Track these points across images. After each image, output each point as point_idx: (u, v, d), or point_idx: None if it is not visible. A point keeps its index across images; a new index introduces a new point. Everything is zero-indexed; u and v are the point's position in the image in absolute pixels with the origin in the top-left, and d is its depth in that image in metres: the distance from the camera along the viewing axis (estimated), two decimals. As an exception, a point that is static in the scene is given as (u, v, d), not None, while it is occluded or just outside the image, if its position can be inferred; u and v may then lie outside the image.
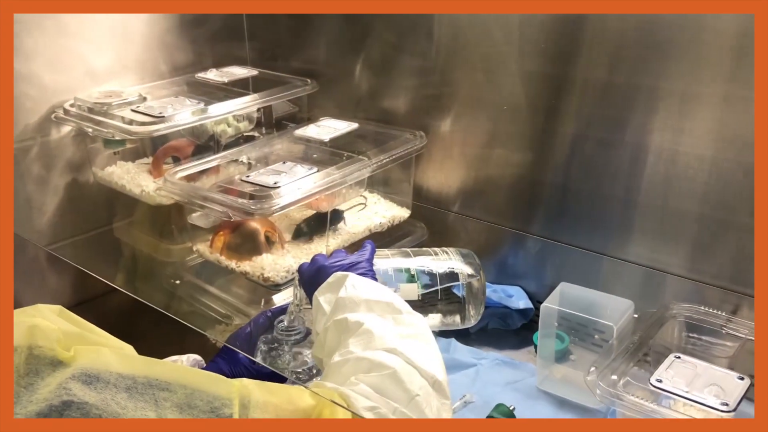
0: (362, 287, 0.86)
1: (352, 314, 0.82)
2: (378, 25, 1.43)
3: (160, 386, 0.55)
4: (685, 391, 0.93)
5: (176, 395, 0.56)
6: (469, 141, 1.38)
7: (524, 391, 1.19)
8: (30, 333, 0.53)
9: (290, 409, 0.62)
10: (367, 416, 0.67)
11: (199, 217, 1.25)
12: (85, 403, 0.51)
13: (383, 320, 0.81)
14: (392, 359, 0.74)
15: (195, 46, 1.55)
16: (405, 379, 0.72)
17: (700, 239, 1.17)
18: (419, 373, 0.74)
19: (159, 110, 1.28)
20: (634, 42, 1.13)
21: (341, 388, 0.70)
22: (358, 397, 0.69)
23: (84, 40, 1.36)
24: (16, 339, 0.52)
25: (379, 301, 0.84)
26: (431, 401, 0.73)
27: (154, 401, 0.54)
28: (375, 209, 1.35)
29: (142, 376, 0.55)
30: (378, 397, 0.70)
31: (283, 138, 1.36)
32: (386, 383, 0.72)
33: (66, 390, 0.51)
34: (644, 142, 1.17)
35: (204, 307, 1.23)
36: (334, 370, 0.77)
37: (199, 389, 0.57)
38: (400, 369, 0.73)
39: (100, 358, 0.54)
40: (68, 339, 0.55)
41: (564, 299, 1.18)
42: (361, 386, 0.71)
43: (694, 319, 1.11)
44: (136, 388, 0.54)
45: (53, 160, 1.38)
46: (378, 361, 0.74)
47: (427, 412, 0.72)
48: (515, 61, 1.26)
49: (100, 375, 0.53)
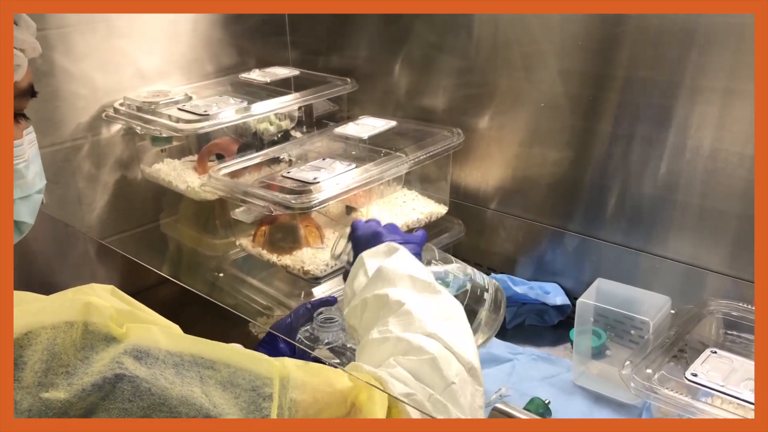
0: (408, 263, 0.89)
1: (394, 291, 0.84)
2: (418, 24, 1.45)
3: (205, 364, 0.58)
4: (720, 386, 0.93)
5: (220, 373, 0.58)
6: (507, 139, 1.39)
7: (560, 386, 1.20)
8: (86, 309, 0.55)
9: (328, 391, 0.63)
10: (402, 401, 0.68)
11: (241, 212, 1.29)
12: (135, 377, 0.53)
13: (423, 300, 0.83)
14: (431, 344, 0.76)
15: (239, 48, 1.59)
16: (443, 366, 0.74)
17: (739, 236, 1.16)
18: (457, 359, 0.76)
19: (204, 109, 1.32)
20: (675, 40, 1.13)
21: (379, 372, 0.71)
22: (395, 382, 0.70)
23: (134, 42, 1.41)
24: (72, 315, 0.55)
25: (422, 279, 0.86)
26: (466, 388, 0.75)
27: (199, 378, 0.56)
28: (413, 206, 1.37)
29: (189, 354, 0.58)
30: (415, 383, 0.72)
31: (323, 136, 1.39)
32: (425, 369, 0.73)
33: (119, 364, 0.53)
34: (684, 140, 1.17)
35: (246, 299, 1.26)
36: (372, 349, 0.79)
37: (242, 368, 0.59)
38: (438, 355, 0.75)
39: (150, 336, 0.57)
40: (120, 316, 0.57)
41: (600, 295, 1.19)
42: (398, 370, 0.73)
43: (733, 315, 1.10)
44: (183, 365, 0.56)
45: (103, 158, 1.43)
46: (417, 345, 0.76)
47: (461, 400, 0.73)
48: (555, 59, 1.27)
49: (150, 351, 0.55)
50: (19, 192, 0.80)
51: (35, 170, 0.83)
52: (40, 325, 0.53)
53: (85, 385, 0.51)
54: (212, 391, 0.56)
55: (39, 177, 0.84)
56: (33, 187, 0.83)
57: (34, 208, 0.84)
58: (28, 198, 0.82)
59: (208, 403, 0.55)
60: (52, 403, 0.50)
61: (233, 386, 0.58)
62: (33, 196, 0.83)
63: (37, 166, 0.84)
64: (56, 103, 1.32)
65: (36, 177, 0.83)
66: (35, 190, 0.83)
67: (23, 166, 0.80)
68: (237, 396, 0.57)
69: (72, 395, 0.51)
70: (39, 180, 0.84)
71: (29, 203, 0.83)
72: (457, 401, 0.73)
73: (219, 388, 0.57)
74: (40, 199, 0.85)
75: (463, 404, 0.73)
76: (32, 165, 0.82)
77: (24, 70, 0.75)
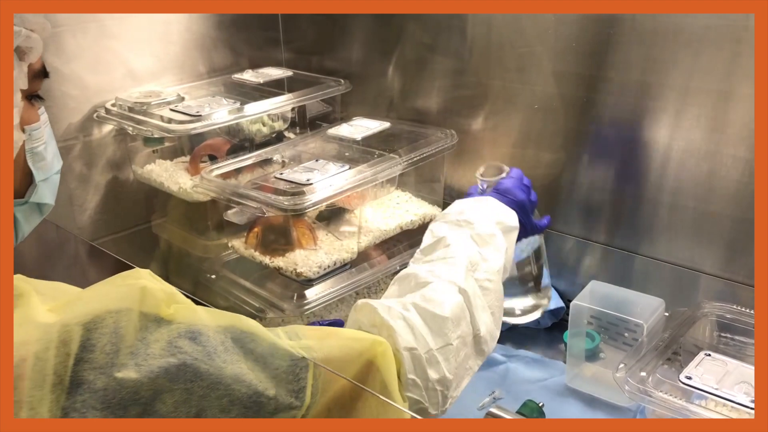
0: (487, 211, 0.97)
1: (454, 231, 0.92)
2: (411, 25, 1.44)
3: (246, 338, 0.61)
4: (714, 389, 0.93)
5: (261, 346, 0.61)
6: (500, 140, 1.39)
7: (554, 388, 1.19)
8: (142, 294, 0.58)
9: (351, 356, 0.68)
10: (404, 355, 0.74)
11: (234, 213, 1.28)
12: (195, 359, 0.56)
13: (473, 250, 0.89)
14: (452, 300, 0.81)
15: (232, 48, 1.59)
16: (450, 327, 0.79)
17: (733, 238, 1.16)
18: (469, 321, 0.81)
19: (196, 109, 1.31)
20: (667, 41, 1.13)
21: (390, 321, 0.75)
22: (403, 335, 0.75)
23: (125, 42, 1.40)
24: (131, 300, 0.58)
25: (487, 232, 0.93)
26: (461, 351, 0.80)
27: (243, 353, 0.60)
28: (406, 207, 1.36)
29: (231, 327, 0.61)
30: (420, 336, 0.77)
31: (317, 137, 1.38)
32: (434, 323, 0.78)
33: (178, 348, 0.57)
34: (677, 142, 1.17)
35: (239, 301, 1.25)
36: (405, 278, 0.88)
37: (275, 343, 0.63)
38: (452, 315, 0.79)
39: (196, 315, 0.60)
40: (168, 298, 0.60)
41: (594, 297, 1.18)
42: (411, 315, 0.78)
43: (727, 318, 1.10)
44: (228, 341, 0.60)
45: (95, 159, 1.42)
46: (439, 300, 0.80)
47: (451, 359, 0.78)
48: (548, 60, 1.27)
49: (201, 330, 0.59)
50: (41, 174, 0.80)
51: (52, 150, 0.83)
52: (105, 310, 0.56)
53: (152, 366, 0.55)
54: (255, 365, 0.60)
55: (56, 158, 0.85)
56: (52, 169, 0.83)
57: (54, 188, 0.84)
58: (49, 179, 0.83)
59: (255, 378, 0.59)
60: (126, 382, 0.53)
61: (273, 358, 0.62)
62: (52, 177, 0.84)
63: (53, 146, 0.84)
64: (47, 104, 1.30)
65: (54, 158, 0.84)
66: (54, 171, 0.84)
67: (43, 148, 0.80)
68: (277, 368, 0.61)
69: (142, 375, 0.54)
70: (57, 161, 0.85)
71: (50, 184, 0.83)
72: (448, 360, 0.78)
73: (260, 362, 0.61)
74: (58, 178, 0.86)
75: (451, 363, 0.78)
76: (49, 146, 0.82)
77: (38, 53, 0.75)
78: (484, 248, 0.91)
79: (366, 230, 1.27)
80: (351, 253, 1.23)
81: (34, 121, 0.78)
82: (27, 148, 0.78)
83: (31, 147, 0.78)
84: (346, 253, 1.23)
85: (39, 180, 0.80)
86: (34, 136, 0.78)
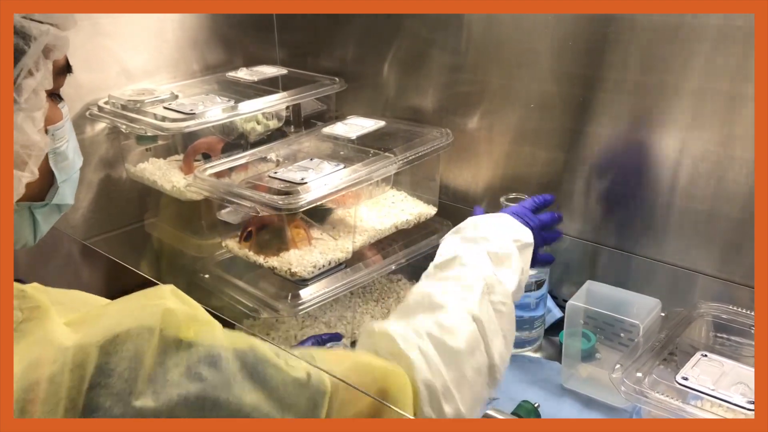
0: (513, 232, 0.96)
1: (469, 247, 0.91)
2: (407, 23, 1.44)
3: (265, 364, 0.59)
4: (711, 389, 0.92)
5: (278, 373, 0.60)
6: (497, 139, 1.38)
7: (549, 389, 1.19)
8: (163, 315, 0.56)
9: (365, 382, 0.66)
10: (421, 389, 0.73)
11: (228, 213, 1.27)
12: (214, 387, 0.55)
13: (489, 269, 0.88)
14: (465, 330, 0.79)
15: (226, 46, 1.58)
16: (464, 359, 0.77)
17: (730, 239, 1.15)
18: (484, 350, 0.80)
19: (190, 107, 1.30)
20: (664, 40, 1.12)
21: (408, 353, 0.74)
22: (420, 366, 0.74)
23: (118, 40, 1.39)
24: (152, 321, 0.55)
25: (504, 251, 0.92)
26: (477, 382, 0.79)
27: (263, 380, 0.58)
28: (402, 206, 1.36)
29: (249, 352, 0.59)
30: (435, 369, 0.75)
31: (311, 136, 1.37)
32: (448, 356, 0.77)
33: (197, 375, 0.54)
34: (674, 142, 1.16)
35: (232, 301, 1.24)
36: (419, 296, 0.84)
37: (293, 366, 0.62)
38: (466, 347, 0.78)
39: (215, 337, 0.58)
40: (188, 320, 0.58)
41: (590, 297, 1.18)
42: (426, 347, 0.76)
43: (723, 318, 1.10)
44: (248, 364, 0.58)
45: (87, 157, 1.40)
46: (450, 326, 0.79)
47: (466, 392, 0.77)
48: (545, 59, 1.26)
49: (221, 355, 0.57)
50: (63, 174, 0.77)
51: (73, 147, 0.80)
52: (125, 331, 0.53)
53: (171, 395, 0.53)
54: (272, 394, 0.58)
55: (77, 155, 0.81)
56: (74, 167, 0.80)
57: (74, 187, 0.81)
58: (69, 179, 0.79)
59: (271, 408, 0.58)
60: (144, 411, 0.51)
61: (289, 386, 0.60)
62: (73, 176, 0.80)
63: (74, 142, 0.80)
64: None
65: (75, 156, 0.80)
66: (75, 170, 0.81)
67: (65, 147, 0.76)
68: (293, 396, 0.60)
69: (161, 404, 0.52)
70: (78, 158, 0.82)
71: (71, 183, 0.80)
72: (462, 393, 0.76)
73: (277, 390, 0.59)
74: (78, 176, 0.83)
75: (465, 396, 0.76)
76: (71, 143, 0.78)
77: (64, 50, 0.71)
78: (500, 269, 0.90)
79: (361, 230, 1.27)
80: (346, 252, 1.22)
81: (57, 120, 0.74)
82: (50, 149, 0.74)
83: (54, 148, 0.74)
84: (341, 252, 1.22)
85: (61, 181, 0.77)
86: (57, 136, 0.74)
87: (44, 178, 0.74)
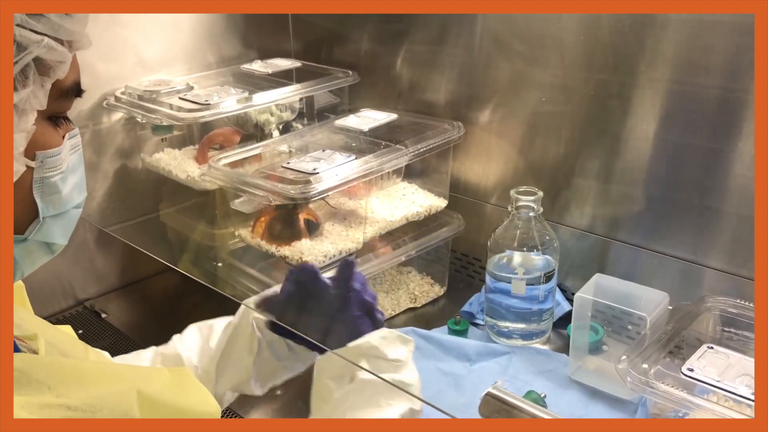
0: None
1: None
2: (420, 18, 1.45)
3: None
4: (716, 381, 0.93)
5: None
6: (508, 133, 1.39)
7: (556, 380, 1.20)
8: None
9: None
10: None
11: (241, 203, 1.29)
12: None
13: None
14: None
15: (241, 39, 1.59)
16: None
17: (738, 233, 1.16)
18: None
19: (205, 98, 1.32)
20: (673, 37, 1.13)
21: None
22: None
23: (136, 31, 1.41)
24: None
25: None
26: None
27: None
28: (412, 199, 1.37)
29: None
30: None
31: (324, 128, 1.39)
32: None
33: None
34: (682, 137, 1.17)
35: (245, 289, 1.26)
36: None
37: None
38: None
39: None
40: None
41: (598, 290, 1.18)
42: None
43: (730, 312, 1.10)
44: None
45: (104, 147, 1.43)
46: None
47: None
48: (557, 54, 1.27)
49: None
50: (52, 209, 0.65)
51: (74, 182, 0.67)
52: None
53: None
54: None
55: (78, 190, 0.68)
56: (69, 203, 0.67)
57: (69, 226, 0.69)
58: (62, 215, 0.67)
59: None
60: None
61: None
62: (69, 212, 0.68)
63: (77, 176, 0.68)
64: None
65: (74, 190, 0.67)
66: (72, 206, 0.68)
67: (59, 179, 0.64)
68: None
69: None
70: (78, 194, 0.69)
71: (63, 221, 0.67)
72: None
73: None
74: (78, 214, 0.70)
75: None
76: (71, 176, 0.66)
77: (67, 67, 0.62)
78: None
79: (372, 221, 1.28)
80: (356, 243, 1.24)
81: (51, 146, 0.63)
82: (36, 177, 0.62)
83: (41, 176, 0.63)
84: (352, 243, 1.23)
85: (46, 215, 0.64)
86: (48, 164, 0.63)
87: (25, 208, 0.63)
